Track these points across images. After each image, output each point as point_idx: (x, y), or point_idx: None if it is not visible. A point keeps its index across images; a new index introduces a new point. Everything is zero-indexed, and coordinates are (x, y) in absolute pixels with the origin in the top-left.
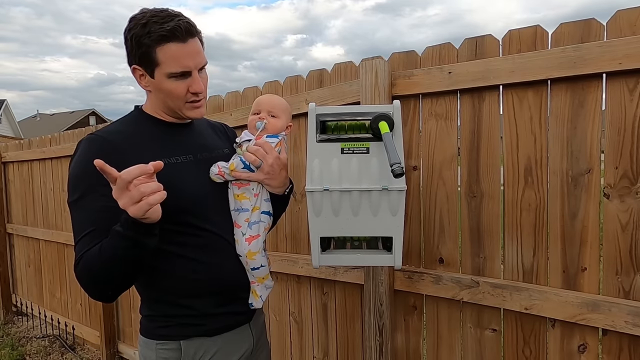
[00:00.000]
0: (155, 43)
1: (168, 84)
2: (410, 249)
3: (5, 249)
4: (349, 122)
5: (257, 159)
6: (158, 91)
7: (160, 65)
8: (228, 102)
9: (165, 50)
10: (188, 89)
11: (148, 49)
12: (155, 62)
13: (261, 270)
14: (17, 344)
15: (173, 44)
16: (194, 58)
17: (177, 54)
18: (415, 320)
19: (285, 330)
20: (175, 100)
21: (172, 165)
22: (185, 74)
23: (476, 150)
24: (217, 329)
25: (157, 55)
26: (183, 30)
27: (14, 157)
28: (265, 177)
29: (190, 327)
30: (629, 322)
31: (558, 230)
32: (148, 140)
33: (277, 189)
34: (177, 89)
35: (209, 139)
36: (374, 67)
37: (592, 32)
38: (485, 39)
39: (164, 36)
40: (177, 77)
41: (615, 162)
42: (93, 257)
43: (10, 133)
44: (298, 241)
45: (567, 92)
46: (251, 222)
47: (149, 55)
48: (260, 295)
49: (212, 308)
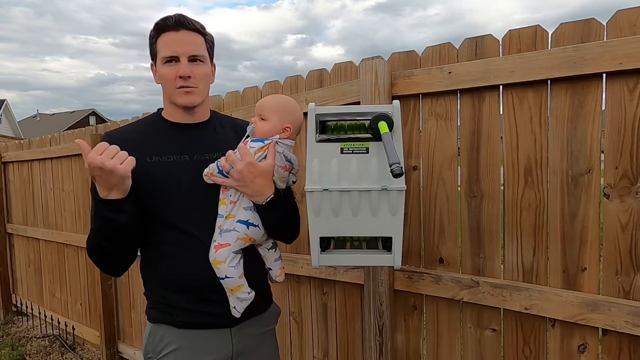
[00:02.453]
0: (157, 34)
1: (162, 69)
2: (410, 249)
3: (5, 248)
4: (348, 122)
5: (225, 164)
6: (160, 79)
7: (158, 52)
8: (228, 102)
9: (162, 38)
10: (176, 74)
11: (153, 41)
12: (156, 51)
13: (227, 281)
14: (17, 343)
15: (167, 33)
16: (182, 46)
17: (169, 40)
18: (415, 320)
19: (285, 330)
20: (167, 85)
21: (158, 164)
22: (174, 60)
23: (476, 150)
24: (187, 323)
25: (158, 44)
26: (174, 21)
27: (14, 157)
28: (237, 184)
29: (161, 313)
30: (629, 322)
31: (558, 230)
32: (147, 139)
33: (254, 197)
34: (168, 73)
35: (219, 141)
36: (374, 67)
37: (592, 32)
38: (485, 38)
39: (159, 27)
40: (169, 63)
41: (615, 162)
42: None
43: (10, 133)
44: (298, 241)
45: (567, 92)
46: (223, 229)
47: (153, 47)
48: (233, 305)
49: (182, 303)
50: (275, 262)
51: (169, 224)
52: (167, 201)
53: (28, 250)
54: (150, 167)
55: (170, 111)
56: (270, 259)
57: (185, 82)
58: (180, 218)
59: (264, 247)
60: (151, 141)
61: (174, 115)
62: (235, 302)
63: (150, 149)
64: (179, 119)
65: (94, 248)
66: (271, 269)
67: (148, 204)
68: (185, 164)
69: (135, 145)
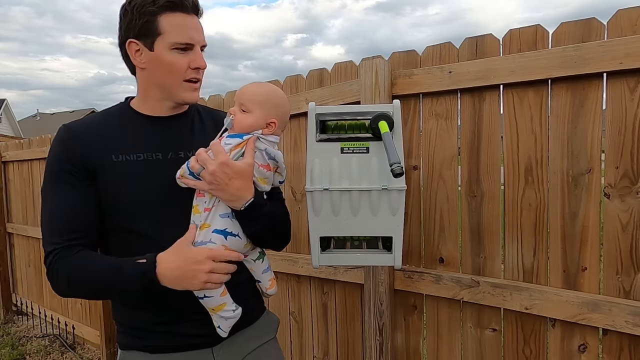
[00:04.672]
0: (161, 10)
1: (169, 55)
2: (411, 249)
3: (5, 248)
4: (349, 122)
5: (196, 164)
6: (156, 66)
7: (163, 34)
8: (228, 101)
9: (171, 19)
10: (189, 64)
11: (151, 17)
12: (157, 31)
13: (207, 301)
14: (17, 343)
15: (180, 13)
16: (199, 33)
17: (182, 23)
18: (415, 320)
19: (286, 330)
20: (173, 76)
21: (127, 163)
22: (188, 48)
23: (476, 150)
24: (161, 347)
25: (161, 24)
26: (191, 2)
27: (14, 156)
28: (210, 188)
29: (132, 338)
30: (629, 321)
31: (558, 230)
32: (113, 135)
33: (231, 203)
34: (178, 62)
35: (197, 137)
36: (374, 67)
37: (593, 32)
38: (485, 38)
39: (172, 3)
40: (180, 50)
41: (616, 161)
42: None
43: (10, 132)
44: (298, 241)
45: (568, 92)
46: (197, 242)
47: (151, 24)
48: (218, 325)
49: (157, 325)
50: (264, 274)
51: (140, 235)
52: (136, 208)
53: (28, 249)
54: (116, 168)
55: (151, 103)
56: (258, 271)
57: (197, 75)
58: (153, 228)
59: (249, 258)
60: (118, 137)
61: (153, 108)
62: (219, 321)
63: (117, 146)
64: (157, 112)
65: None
66: (260, 281)
67: (114, 211)
68: (158, 163)
69: (99, 141)
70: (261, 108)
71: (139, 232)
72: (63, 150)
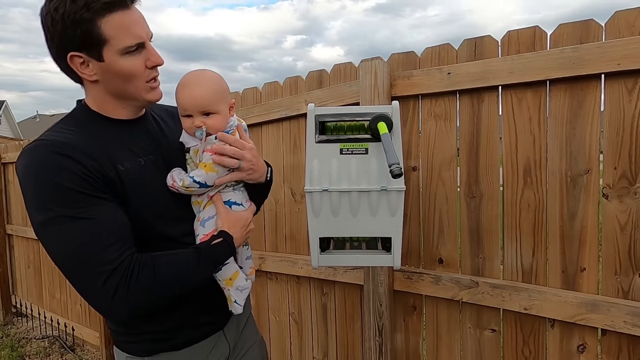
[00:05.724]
0: (98, 15)
1: (123, 62)
2: (410, 250)
3: (5, 250)
4: (348, 123)
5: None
6: (112, 77)
7: (109, 41)
8: None
9: (112, 21)
10: (146, 64)
11: (89, 26)
12: (101, 39)
13: (223, 271)
14: (17, 344)
15: (119, 12)
16: (144, 26)
17: (127, 22)
18: (415, 321)
19: (285, 331)
20: (134, 82)
21: (132, 170)
22: (140, 46)
23: (475, 151)
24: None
25: (103, 29)
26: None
27: (13, 157)
28: (248, 174)
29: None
30: (628, 322)
31: (557, 230)
32: (106, 144)
33: (259, 179)
34: (135, 65)
35: (169, 136)
36: (374, 68)
37: (591, 33)
38: (484, 39)
39: (108, 4)
40: (133, 52)
41: (614, 162)
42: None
43: (9, 134)
44: (297, 242)
45: (566, 93)
46: (204, 219)
47: (91, 33)
48: (234, 299)
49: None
50: (246, 260)
51: (161, 236)
52: (154, 210)
53: (28, 251)
54: (128, 176)
55: (115, 110)
56: (242, 257)
57: (156, 72)
58: (171, 226)
59: None
60: (112, 145)
61: (116, 111)
62: (235, 295)
63: (116, 154)
64: (123, 115)
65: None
66: (242, 267)
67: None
68: (156, 165)
69: (101, 153)
70: (222, 100)
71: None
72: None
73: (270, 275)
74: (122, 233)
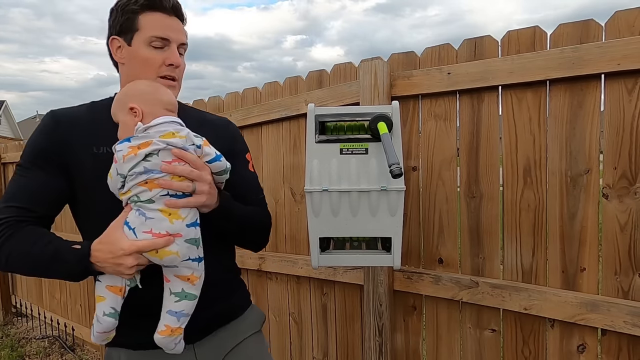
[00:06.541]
0: (141, 8)
1: (145, 50)
2: (410, 250)
3: None
4: (348, 123)
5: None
6: (132, 60)
7: (140, 30)
8: (228, 103)
9: (150, 17)
10: (164, 60)
11: (132, 15)
12: (135, 28)
13: (96, 285)
14: (17, 344)
15: (159, 13)
16: (176, 32)
17: (161, 21)
18: (415, 321)
19: (285, 331)
20: (147, 70)
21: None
22: (165, 44)
23: (475, 151)
24: (141, 344)
25: (140, 21)
26: (171, 3)
27: (13, 157)
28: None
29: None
30: (628, 322)
31: (557, 230)
32: (98, 126)
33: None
34: (154, 57)
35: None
36: (374, 68)
37: (591, 33)
38: (484, 39)
39: (151, 2)
40: (156, 46)
41: (614, 162)
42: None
43: (9, 134)
44: (297, 242)
45: (566, 93)
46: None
47: (131, 22)
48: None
49: (135, 321)
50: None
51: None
52: (111, 200)
53: None
54: (97, 158)
55: None
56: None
57: (172, 72)
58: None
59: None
60: (102, 129)
61: None
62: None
63: (100, 138)
64: None
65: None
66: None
67: (90, 202)
68: None
69: (84, 131)
70: (119, 110)
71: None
72: (45, 134)
73: (270, 275)
74: (29, 201)
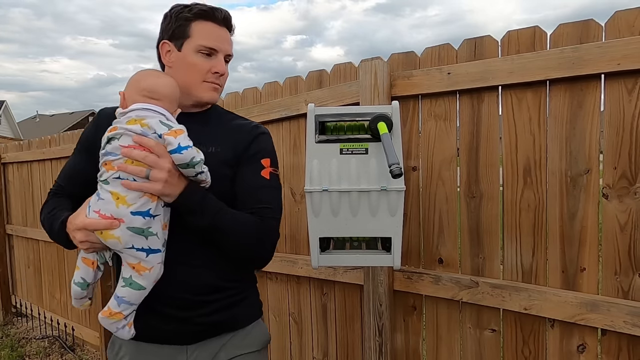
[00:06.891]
0: (194, 17)
1: (193, 57)
2: (410, 250)
3: (4, 250)
4: (348, 123)
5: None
6: (180, 65)
7: (191, 37)
8: (228, 103)
9: (201, 26)
10: (211, 68)
11: (185, 23)
12: (187, 34)
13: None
14: (17, 344)
15: (211, 23)
16: (224, 43)
17: (212, 31)
18: (415, 321)
19: (285, 331)
20: (194, 75)
21: None
22: (212, 53)
23: (475, 151)
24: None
25: (192, 29)
26: (222, 15)
27: (13, 158)
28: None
29: None
30: (628, 322)
31: (557, 230)
32: None
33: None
34: (201, 64)
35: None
36: (374, 68)
37: (591, 33)
38: (484, 39)
39: (205, 12)
40: (204, 54)
41: (614, 162)
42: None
43: (9, 134)
44: (297, 242)
45: (566, 93)
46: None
47: (183, 28)
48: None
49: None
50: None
51: None
52: None
53: (28, 251)
54: None
55: None
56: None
57: (217, 80)
58: None
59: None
60: None
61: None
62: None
63: None
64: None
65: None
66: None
67: None
68: None
69: None
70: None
71: None
72: (90, 125)
73: (270, 275)
74: (67, 177)
